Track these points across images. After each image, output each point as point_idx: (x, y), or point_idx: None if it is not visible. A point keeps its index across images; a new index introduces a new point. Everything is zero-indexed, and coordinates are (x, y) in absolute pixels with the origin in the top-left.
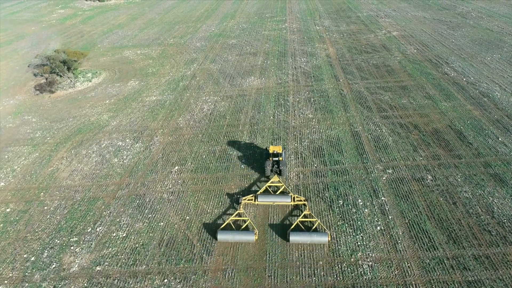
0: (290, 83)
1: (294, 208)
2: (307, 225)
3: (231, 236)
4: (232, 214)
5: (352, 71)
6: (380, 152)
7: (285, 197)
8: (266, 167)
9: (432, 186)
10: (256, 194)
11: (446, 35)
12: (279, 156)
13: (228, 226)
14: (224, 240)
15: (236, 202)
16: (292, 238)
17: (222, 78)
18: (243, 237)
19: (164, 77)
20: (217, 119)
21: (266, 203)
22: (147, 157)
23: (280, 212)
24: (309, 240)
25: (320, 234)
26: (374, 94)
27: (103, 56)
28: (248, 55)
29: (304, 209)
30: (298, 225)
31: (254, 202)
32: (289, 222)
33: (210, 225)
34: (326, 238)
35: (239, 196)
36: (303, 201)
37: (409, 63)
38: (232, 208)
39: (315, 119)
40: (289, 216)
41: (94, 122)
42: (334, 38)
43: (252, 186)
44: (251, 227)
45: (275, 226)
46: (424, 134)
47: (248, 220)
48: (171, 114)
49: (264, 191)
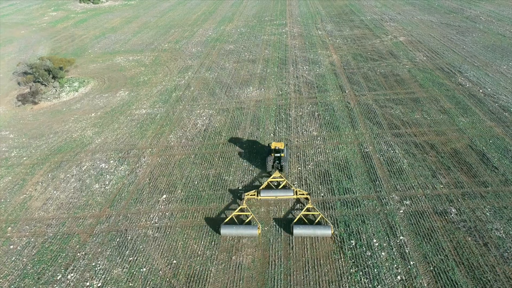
0: (291, 94)
1: (297, 203)
2: (310, 218)
3: (234, 231)
4: (235, 209)
5: (359, 80)
6: (395, 178)
7: (287, 191)
8: (268, 163)
9: (458, 222)
10: (258, 189)
11: (456, 40)
12: (281, 152)
13: (231, 221)
14: (227, 235)
15: (239, 198)
16: (295, 231)
17: (218, 88)
18: (246, 231)
19: (156, 87)
20: (211, 137)
21: (269, 197)
22: (132, 183)
23: (283, 207)
24: (313, 233)
25: (323, 227)
26: (384, 108)
27: (93, 62)
28: (247, 62)
29: (307, 203)
30: (301, 218)
31: (257, 197)
32: (292, 216)
33: (201, 270)
34: (330, 231)
35: (241, 191)
36: (306, 195)
37: (419, 72)
38: (235, 204)
39: (320, 137)
40: (292, 210)
41: (76, 139)
42: (337, 44)
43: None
44: (254, 221)
45: (278, 220)
46: (443, 156)
47: (251, 215)
48: (161, 130)
49: (266, 186)
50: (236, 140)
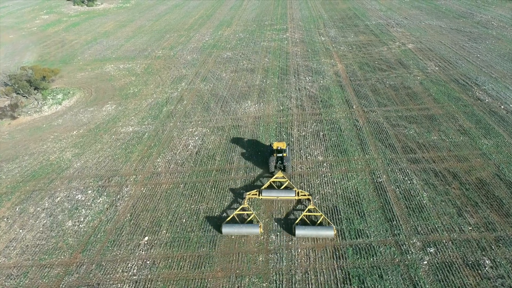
0: (293, 110)
1: (298, 203)
2: (311, 219)
3: (236, 229)
4: (237, 208)
5: (367, 94)
6: (415, 216)
7: (289, 191)
8: (270, 163)
9: (494, 279)
10: (260, 189)
11: (469, 48)
12: (283, 152)
13: (233, 220)
14: (229, 233)
15: (240, 197)
16: (298, 232)
17: (213, 102)
18: (248, 230)
19: (146, 100)
20: (204, 161)
21: (270, 197)
22: (110, 220)
23: (285, 207)
24: (315, 234)
25: (326, 228)
26: (396, 127)
27: (81, 70)
28: (245, 72)
29: (308, 204)
30: (303, 219)
31: (259, 196)
32: (293, 217)
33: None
34: (332, 232)
35: (243, 191)
36: (307, 195)
37: (432, 85)
38: (236, 203)
39: (326, 163)
40: (293, 210)
41: (53, 163)
42: (342, 51)
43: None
44: (255, 220)
45: (280, 221)
46: (468, 188)
47: (253, 214)
48: (148, 153)
49: (268, 186)
50: (231, 167)
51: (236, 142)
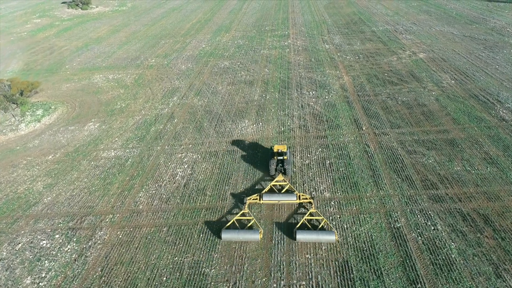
0: (296, 131)
1: (299, 207)
2: (313, 223)
3: (236, 235)
4: (237, 213)
5: (377, 112)
6: (443, 277)
7: (290, 195)
8: (271, 166)
9: None
10: (261, 193)
11: (486, 58)
12: (284, 155)
13: (232, 226)
14: (229, 239)
15: (240, 202)
16: (298, 237)
17: (207, 120)
18: (248, 236)
19: (133, 117)
20: (192, 197)
21: (271, 202)
22: (77, 276)
23: (286, 211)
24: (317, 239)
25: (327, 233)
26: (413, 154)
27: (67, 81)
28: (243, 85)
29: (310, 208)
30: (304, 223)
31: (259, 201)
32: (295, 221)
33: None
34: (334, 237)
35: (243, 195)
36: (309, 199)
37: (449, 102)
38: (237, 208)
39: (334, 202)
40: (294, 214)
41: (21, 196)
42: (348, 61)
43: None
44: (255, 226)
45: (280, 225)
46: (503, 238)
47: (253, 220)
48: (130, 185)
49: (268, 190)
50: (223, 204)
51: (230, 172)
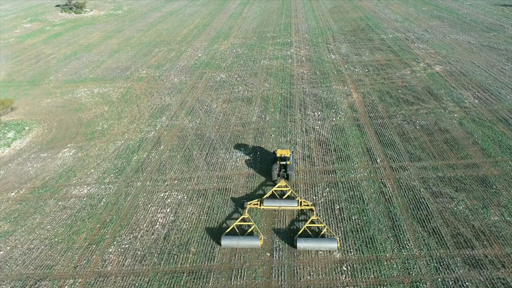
0: (299, 164)
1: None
2: (314, 230)
3: (235, 242)
4: (237, 219)
5: (393, 140)
6: None
7: (292, 201)
8: (273, 171)
9: None
10: (261, 198)
11: (510, 72)
12: (287, 160)
13: (232, 231)
14: (228, 246)
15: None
16: (299, 245)
17: (197, 149)
18: (248, 243)
19: (114, 142)
20: (173, 254)
21: (272, 207)
22: None
23: (287, 218)
24: (318, 247)
25: (329, 241)
26: (439, 198)
27: (49, 95)
28: (240, 103)
29: (311, 215)
30: (305, 231)
31: (260, 206)
32: (295, 228)
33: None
34: (335, 245)
35: (244, 200)
36: (310, 206)
37: (475, 127)
38: (237, 213)
39: (347, 265)
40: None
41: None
42: (357, 75)
43: None
44: (256, 232)
45: (281, 232)
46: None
47: (253, 225)
48: (99, 235)
49: (270, 195)
50: (210, 266)
51: (220, 219)
